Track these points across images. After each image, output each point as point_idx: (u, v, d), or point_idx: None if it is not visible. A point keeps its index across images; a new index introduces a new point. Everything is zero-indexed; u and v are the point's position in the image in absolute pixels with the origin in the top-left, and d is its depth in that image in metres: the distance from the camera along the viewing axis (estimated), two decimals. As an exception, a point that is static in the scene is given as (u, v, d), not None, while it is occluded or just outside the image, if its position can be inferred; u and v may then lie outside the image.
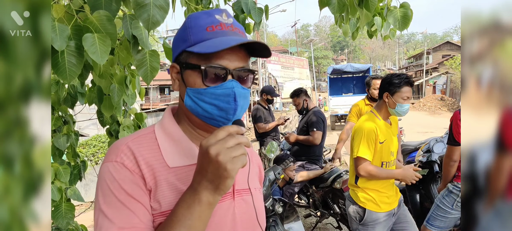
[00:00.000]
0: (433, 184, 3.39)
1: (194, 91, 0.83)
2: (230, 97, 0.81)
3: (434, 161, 3.23)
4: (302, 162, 4.08)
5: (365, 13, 2.06)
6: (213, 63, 0.81)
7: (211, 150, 0.71)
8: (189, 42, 0.84)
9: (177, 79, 0.88)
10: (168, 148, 0.86)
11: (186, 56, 0.85)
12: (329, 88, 19.42)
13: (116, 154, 0.81)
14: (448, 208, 2.71)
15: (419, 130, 14.65)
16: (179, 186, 0.83)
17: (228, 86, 0.81)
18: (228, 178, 0.72)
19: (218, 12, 0.86)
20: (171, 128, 0.90)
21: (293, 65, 20.20)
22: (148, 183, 0.80)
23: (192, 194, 0.75)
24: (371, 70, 18.14)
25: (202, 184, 0.73)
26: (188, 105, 0.85)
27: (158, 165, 0.83)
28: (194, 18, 0.86)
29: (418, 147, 6.09)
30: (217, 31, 0.83)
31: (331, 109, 17.84)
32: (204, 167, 0.72)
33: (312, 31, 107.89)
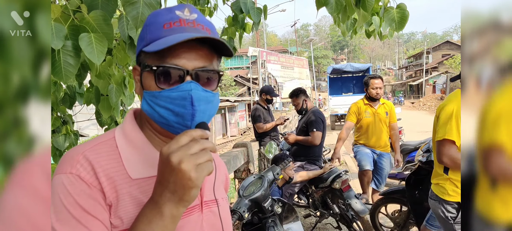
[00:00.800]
0: (433, 184, 3.38)
1: (150, 95, 0.75)
2: (186, 101, 0.72)
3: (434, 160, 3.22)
4: (301, 162, 4.08)
5: (362, 13, 2.06)
6: (167, 63, 0.73)
7: (173, 157, 0.63)
8: (145, 41, 0.77)
9: (138, 82, 0.80)
10: (130, 157, 0.77)
11: (143, 57, 0.77)
12: (329, 88, 19.42)
13: (71, 164, 0.71)
14: None
15: (419, 129, 14.64)
16: (143, 200, 0.74)
17: (184, 88, 0.72)
18: (193, 188, 0.64)
19: (180, 8, 0.78)
20: (132, 134, 0.80)
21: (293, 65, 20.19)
22: (108, 197, 0.71)
23: (153, 208, 0.67)
24: (371, 70, 18.16)
25: (164, 195, 0.66)
26: (145, 110, 0.77)
27: (119, 177, 0.74)
28: (154, 15, 0.79)
29: (418, 146, 6.10)
30: (174, 28, 0.75)
31: (331, 109, 17.85)
32: (166, 177, 0.65)
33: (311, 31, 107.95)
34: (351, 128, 4.73)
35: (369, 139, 4.64)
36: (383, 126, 4.62)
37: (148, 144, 0.80)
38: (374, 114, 4.59)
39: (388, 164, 4.68)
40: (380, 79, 4.60)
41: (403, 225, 3.69)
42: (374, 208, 3.92)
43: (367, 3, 1.94)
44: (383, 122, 4.61)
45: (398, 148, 4.68)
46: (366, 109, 4.63)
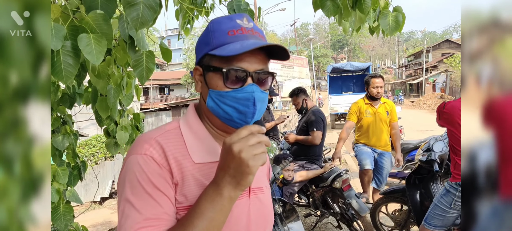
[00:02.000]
0: (433, 183, 3.38)
1: (216, 94, 0.87)
2: (249, 102, 0.85)
3: (434, 160, 3.22)
4: (301, 161, 4.08)
5: (359, 15, 2.06)
6: (234, 66, 0.85)
7: (235, 147, 0.74)
8: (211, 45, 0.88)
9: (200, 81, 0.92)
10: (193, 144, 0.90)
11: (208, 59, 0.89)
12: (329, 87, 19.41)
13: (146, 147, 0.85)
14: (446, 207, 2.70)
15: (419, 128, 14.65)
16: (203, 182, 0.87)
17: (248, 90, 0.85)
18: (250, 174, 0.76)
19: (240, 17, 0.91)
20: (196, 126, 0.94)
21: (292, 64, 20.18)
22: (175, 177, 0.84)
23: (215, 188, 0.79)
24: (370, 69, 18.13)
25: (225, 179, 0.77)
26: (210, 107, 0.89)
27: (185, 160, 0.87)
28: (217, 22, 0.90)
29: (418, 145, 6.10)
30: (238, 35, 0.87)
31: (331, 108, 17.84)
32: (227, 163, 0.76)
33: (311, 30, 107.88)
34: (352, 128, 4.71)
35: (369, 138, 4.64)
36: (384, 125, 4.61)
37: (207, 133, 0.94)
38: (375, 113, 4.58)
39: (389, 163, 4.67)
40: (381, 78, 4.59)
41: (403, 224, 3.69)
42: (374, 207, 3.92)
43: (364, 5, 1.94)
44: (384, 121, 4.60)
45: (398, 147, 4.66)
46: (367, 109, 4.62)
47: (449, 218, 2.72)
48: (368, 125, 4.62)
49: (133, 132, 2.47)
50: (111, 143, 2.49)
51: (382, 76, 4.67)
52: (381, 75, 4.66)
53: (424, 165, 3.31)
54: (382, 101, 4.64)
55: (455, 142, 2.64)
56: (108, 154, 11.35)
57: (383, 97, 4.73)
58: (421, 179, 3.43)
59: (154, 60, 1.82)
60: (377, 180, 4.71)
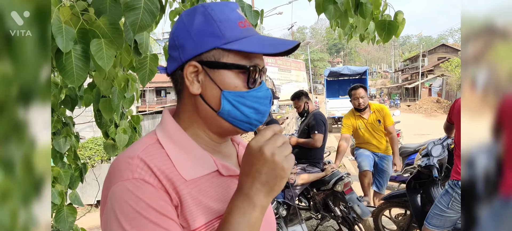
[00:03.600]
0: (433, 188, 3.38)
1: (236, 95, 0.75)
2: (267, 100, 0.80)
3: (433, 165, 3.21)
4: (303, 164, 4.07)
5: (361, 20, 2.07)
6: (254, 63, 0.76)
7: (266, 149, 0.67)
8: (224, 38, 0.74)
9: (197, 81, 0.77)
10: (180, 158, 0.76)
11: (218, 54, 0.75)
12: (326, 90, 19.45)
13: (131, 170, 0.69)
14: (444, 207, 2.72)
15: (416, 132, 14.71)
16: (202, 200, 0.74)
17: (265, 88, 0.80)
18: (284, 177, 0.69)
19: (237, 6, 0.80)
20: (177, 135, 0.79)
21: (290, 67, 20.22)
22: (173, 198, 0.71)
23: (245, 199, 0.69)
24: (367, 73, 18.19)
25: (255, 187, 0.69)
26: (226, 110, 0.76)
27: (176, 178, 0.73)
28: (220, 11, 0.76)
29: (417, 149, 6.12)
30: (248, 28, 0.78)
31: (328, 112, 17.88)
32: (257, 169, 0.68)
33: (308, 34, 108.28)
34: (348, 139, 4.64)
35: (369, 146, 4.63)
36: (378, 133, 4.57)
37: (194, 143, 0.79)
38: (367, 125, 4.56)
39: (390, 166, 4.66)
40: (362, 88, 4.51)
41: (406, 228, 3.69)
42: (378, 211, 3.91)
43: (366, 10, 1.96)
44: (377, 130, 4.55)
45: (396, 151, 4.60)
46: (358, 122, 4.60)
47: (447, 218, 2.73)
48: (363, 137, 4.62)
49: (132, 134, 2.46)
50: (109, 145, 2.48)
51: (364, 86, 4.58)
52: (362, 86, 4.57)
53: (423, 170, 3.31)
54: (372, 110, 4.57)
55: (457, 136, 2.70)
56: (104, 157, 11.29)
57: (374, 103, 4.72)
58: (422, 184, 3.43)
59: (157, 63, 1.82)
60: (378, 183, 4.71)
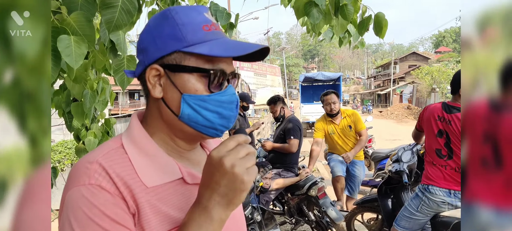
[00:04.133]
0: (403, 192, 3.46)
1: (196, 99, 0.74)
2: (233, 104, 0.77)
3: (403, 170, 3.29)
4: (278, 169, 4.08)
5: (341, 22, 2.10)
6: (217, 67, 0.74)
7: (226, 161, 0.64)
8: (185, 41, 0.73)
9: (159, 84, 0.76)
10: (143, 164, 0.74)
11: (179, 58, 0.74)
12: (300, 95, 19.63)
13: (88, 175, 0.67)
14: (413, 209, 2.80)
15: (388, 137, 15.06)
16: (162, 208, 0.72)
17: (230, 92, 0.77)
18: (244, 190, 0.66)
19: (205, 10, 0.78)
20: (143, 141, 0.77)
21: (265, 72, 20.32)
22: (130, 206, 0.69)
23: (202, 212, 0.67)
24: (341, 79, 18.50)
25: (213, 199, 0.66)
26: (186, 115, 0.74)
27: (136, 186, 0.70)
28: (184, 14, 0.75)
29: (389, 154, 6.25)
30: (213, 31, 0.76)
31: (303, 117, 18.05)
32: (216, 180, 0.66)
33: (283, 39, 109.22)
34: (320, 143, 4.69)
35: (340, 152, 4.68)
36: (350, 139, 4.62)
37: (159, 150, 0.78)
38: (338, 130, 4.61)
39: (362, 172, 4.75)
40: (333, 94, 4.56)
41: (378, 232, 3.76)
42: (350, 216, 3.97)
43: (347, 12, 1.98)
44: (348, 135, 4.61)
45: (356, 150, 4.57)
46: (329, 127, 4.66)
47: (416, 221, 2.81)
48: (334, 142, 4.68)
49: (104, 137, 2.40)
50: (81, 148, 2.41)
51: (336, 92, 4.64)
52: (334, 92, 4.62)
53: (394, 175, 3.39)
54: (343, 115, 4.62)
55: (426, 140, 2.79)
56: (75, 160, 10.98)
57: (346, 109, 4.78)
58: (392, 189, 3.51)
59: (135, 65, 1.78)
60: (350, 188, 4.78)
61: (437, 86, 32.17)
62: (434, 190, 2.63)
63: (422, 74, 35.08)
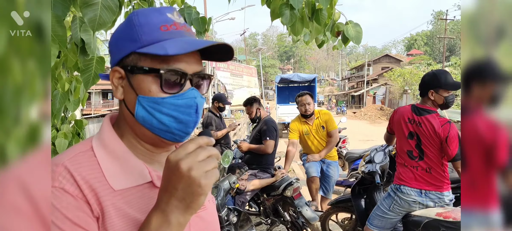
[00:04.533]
0: (376, 192, 3.53)
1: (149, 101, 0.73)
2: (191, 109, 0.74)
3: (375, 171, 3.37)
4: (254, 170, 4.09)
5: (315, 26, 2.13)
6: (172, 67, 0.72)
7: (182, 164, 0.63)
8: (140, 42, 0.73)
9: (121, 86, 0.76)
10: (111, 167, 0.74)
11: (136, 59, 0.74)
12: (276, 96, 19.73)
13: (53, 178, 0.67)
14: (385, 209, 2.86)
15: (361, 138, 15.38)
16: (128, 212, 0.72)
17: (189, 95, 0.74)
18: (202, 194, 0.65)
19: (170, 10, 0.77)
20: (112, 144, 0.77)
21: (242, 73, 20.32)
22: (94, 209, 0.68)
23: (160, 216, 0.66)
24: (316, 80, 18.72)
25: (171, 203, 0.65)
26: (140, 117, 0.74)
27: (102, 189, 0.70)
28: (143, 15, 0.75)
29: (362, 154, 6.37)
30: (172, 31, 0.74)
31: (279, 117, 18.16)
32: (174, 184, 0.65)
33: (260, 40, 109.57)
34: (296, 144, 4.71)
35: (314, 152, 4.72)
36: (323, 139, 4.67)
37: (129, 153, 0.77)
38: (311, 131, 4.66)
39: (336, 172, 4.82)
40: (308, 95, 4.59)
41: (351, 232, 3.82)
42: (325, 216, 4.03)
43: (321, 17, 2.02)
44: (322, 136, 4.65)
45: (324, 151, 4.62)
46: (304, 128, 4.70)
47: (388, 220, 2.87)
48: (307, 143, 4.73)
49: (74, 139, 2.34)
50: (50, 150, 2.34)
51: (310, 93, 4.67)
52: (308, 93, 4.65)
53: (367, 176, 3.46)
54: (316, 116, 4.66)
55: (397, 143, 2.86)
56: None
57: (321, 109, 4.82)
58: (365, 189, 3.58)
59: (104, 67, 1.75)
60: (325, 189, 4.84)
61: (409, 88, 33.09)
62: (406, 190, 2.70)
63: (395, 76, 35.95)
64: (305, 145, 4.80)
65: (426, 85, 2.69)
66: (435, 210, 2.62)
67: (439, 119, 2.63)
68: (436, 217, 2.58)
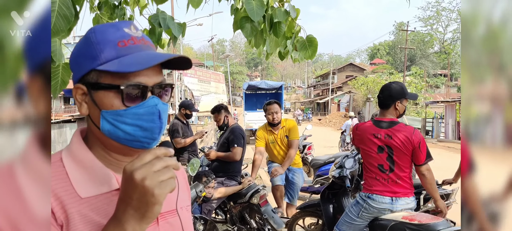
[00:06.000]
0: (344, 198, 3.62)
1: (112, 114, 0.75)
2: (154, 116, 0.77)
3: (346, 176, 3.47)
4: (221, 178, 4.09)
5: (274, 39, 2.19)
6: (132, 81, 0.74)
7: (136, 174, 0.65)
8: (99, 60, 0.75)
9: (85, 102, 0.78)
10: (79, 176, 0.77)
11: (96, 76, 0.76)
12: (244, 103, 19.80)
13: None
14: (354, 215, 2.94)
15: (326, 144, 15.69)
16: (94, 218, 0.74)
17: (150, 104, 0.76)
18: (156, 204, 0.66)
19: (126, 25, 0.80)
20: (80, 154, 0.80)
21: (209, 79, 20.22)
22: (58, 218, 0.71)
23: (117, 225, 0.68)
24: (283, 88, 18.94)
25: (127, 212, 0.67)
26: (105, 130, 0.76)
27: (68, 197, 0.73)
28: (100, 32, 0.77)
29: (327, 161, 6.50)
30: (130, 46, 0.77)
31: (246, 124, 18.21)
32: (129, 194, 0.66)
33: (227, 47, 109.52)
34: (263, 152, 4.75)
35: (279, 161, 4.78)
36: (286, 148, 4.69)
37: (96, 162, 0.80)
38: (276, 140, 4.72)
39: (300, 179, 4.88)
40: (276, 104, 4.62)
41: (318, 237, 3.90)
42: (292, 221, 4.08)
43: (279, 30, 2.07)
44: (286, 145, 4.68)
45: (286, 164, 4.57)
46: (270, 137, 4.75)
47: (356, 226, 2.96)
48: (272, 151, 4.78)
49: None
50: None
51: (278, 102, 4.70)
52: (276, 102, 4.68)
53: (337, 180, 3.55)
54: (282, 125, 4.69)
55: (365, 159, 2.94)
56: None
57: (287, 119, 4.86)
58: (334, 194, 3.67)
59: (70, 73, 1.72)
60: (289, 195, 4.90)
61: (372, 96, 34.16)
62: (378, 198, 2.78)
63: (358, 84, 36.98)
64: (271, 153, 4.85)
65: (393, 96, 2.80)
66: (400, 214, 2.74)
67: (407, 127, 2.78)
68: (402, 220, 2.69)
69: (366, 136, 2.86)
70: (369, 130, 2.85)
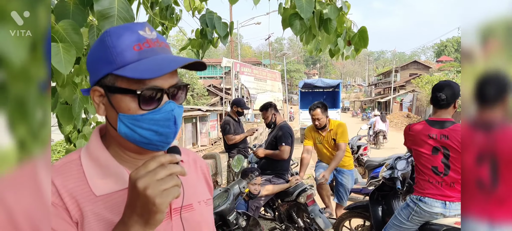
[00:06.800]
0: (395, 200, 3.50)
1: (130, 118, 0.77)
2: (170, 122, 0.78)
3: (397, 177, 3.35)
4: (268, 175, 4.13)
5: (325, 36, 2.15)
6: (148, 86, 0.75)
7: (139, 183, 0.67)
8: (115, 64, 0.76)
9: (102, 104, 0.81)
10: (94, 174, 0.80)
11: (113, 80, 0.77)
12: (300, 101, 19.65)
13: None
14: (403, 219, 2.82)
15: (386, 145, 15.07)
16: (107, 216, 0.77)
17: (167, 109, 0.78)
18: (157, 213, 0.68)
19: (141, 27, 0.80)
20: (97, 152, 0.83)
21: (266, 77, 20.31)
22: (73, 215, 0.75)
23: (123, 229, 0.71)
24: (340, 86, 18.51)
25: (132, 218, 0.70)
26: (123, 133, 0.78)
27: (83, 195, 0.77)
28: (115, 36, 0.78)
29: (382, 163, 6.29)
30: (146, 50, 0.77)
31: (301, 122, 18.07)
32: (133, 201, 0.69)
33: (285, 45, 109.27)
34: (311, 151, 4.71)
35: (327, 161, 4.68)
36: (334, 150, 4.59)
37: (111, 160, 0.83)
38: (322, 142, 4.65)
39: (350, 180, 4.76)
40: (319, 109, 4.49)
41: (365, 239, 3.80)
42: (338, 222, 4.02)
43: (330, 26, 2.03)
44: (332, 147, 4.59)
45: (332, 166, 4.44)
46: (316, 137, 4.69)
47: (405, 230, 2.84)
48: (321, 151, 4.73)
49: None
50: (71, 150, 2.45)
51: (320, 107, 4.53)
52: (319, 106, 4.52)
53: (387, 182, 3.43)
54: (330, 128, 4.58)
55: (418, 160, 2.80)
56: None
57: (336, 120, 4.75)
58: (384, 196, 3.55)
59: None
60: (338, 196, 4.81)
61: (438, 95, 32.12)
62: (430, 201, 2.64)
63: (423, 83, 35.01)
64: (319, 152, 4.80)
65: (456, 94, 2.65)
66: (454, 219, 2.59)
67: None
68: (455, 226, 2.54)
69: (420, 137, 2.72)
70: (423, 131, 2.70)
